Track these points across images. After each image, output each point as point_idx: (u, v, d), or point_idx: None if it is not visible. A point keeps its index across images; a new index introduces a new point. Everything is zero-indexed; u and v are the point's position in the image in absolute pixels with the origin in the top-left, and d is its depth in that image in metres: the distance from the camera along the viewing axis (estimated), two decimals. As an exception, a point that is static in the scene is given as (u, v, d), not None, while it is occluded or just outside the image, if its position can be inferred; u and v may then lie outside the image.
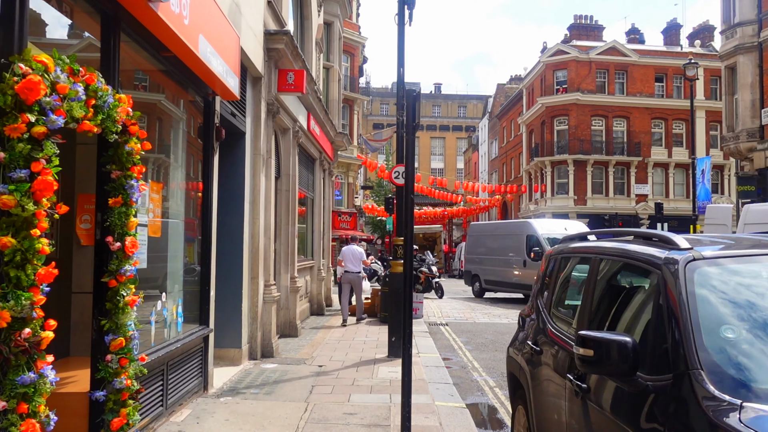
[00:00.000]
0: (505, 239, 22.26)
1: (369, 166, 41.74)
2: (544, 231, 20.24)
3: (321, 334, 11.96)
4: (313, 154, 15.01)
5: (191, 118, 6.78)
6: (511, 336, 12.47)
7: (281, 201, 11.47)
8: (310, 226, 15.54)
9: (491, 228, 25.41)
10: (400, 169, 9.74)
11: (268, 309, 9.35)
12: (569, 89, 41.55)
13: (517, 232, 21.75)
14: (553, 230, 20.30)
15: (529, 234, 20.59)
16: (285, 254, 11.47)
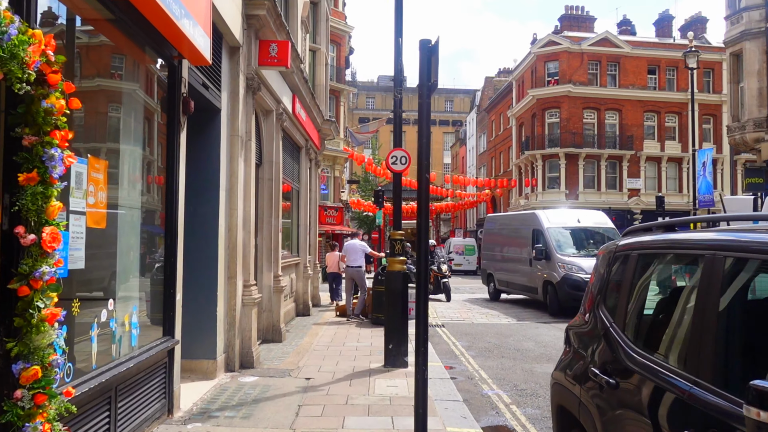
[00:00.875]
0: (514, 234, 19.48)
1: (356, 160, 40.55)
2: (551, 224, 17.30)
3: (308, 339, 10.81)
4: (298, 142, 13.83)
5: (152, 85, 5.60)
6: (514, 338, 11.39)
7: (263, 191, 10.31)
8: (296, 220, 14.37)
9: (504, 220, 22.03)
10: (398, 154, 8.61)
11: (247, 313, 8.19)
12: (561, 81, 40.60)
13: (523, 225, 18.83)
14: (562, 222, 17.51)
15: (535, 228, 17.65)
16: (267, 250, 10.30)
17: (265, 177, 10.34)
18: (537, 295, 16.77)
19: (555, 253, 16.13)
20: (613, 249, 3.47)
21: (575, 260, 15.68)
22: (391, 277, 8.43)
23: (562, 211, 20.01)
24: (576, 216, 18.08)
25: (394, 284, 8.38)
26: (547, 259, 16.24)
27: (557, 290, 15.47)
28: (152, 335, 5.44)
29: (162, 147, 5.75)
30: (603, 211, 36.52)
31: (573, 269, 15.32)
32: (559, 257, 15.99)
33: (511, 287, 19.12)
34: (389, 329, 8.35)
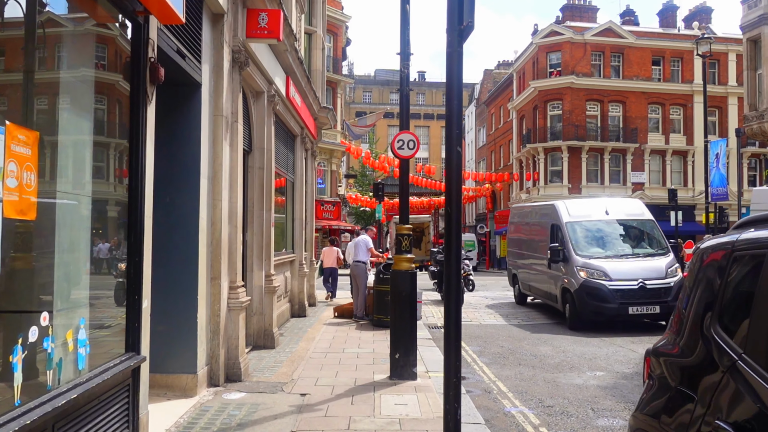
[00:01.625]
0: (534, 229, 16.61)
1: (353, 153, 39.51)
2: (572, 217, 14.08)
3: (304, 344, 9.81)
4: (293, 129, 12.80)
5: (109, 45, 4.59)
6: (529, 342, 10.37)
7: (253, 181, 9.29)
8: (290, 214, 13.36)
9: (524, 213, 18.46)
10: (405, 138, 7.59)
11: (234, 318, 7.19)
12: (563, 72, 39.60)
13: (541, 218, 15.81)
14: (585, 215, 14.22)
15: (553, 222, 14.51)
16: (258, 247, 9.29)
17: (255, 165, 9.33)
18: (556, 303, 13.90)
19: (573, 254, 13.12)
20: (730, 246, 2.47)
21: (598, 263, 12.74)
22: (398, 277, 7.43)
23: (587, 201, 16.55)
24: (603, 206, 14.59)
25: (401, 285, 7.38)
26: (565, 261, 13.27)
27: (575, 300, 12.51)
28: (110, 353, 4.44)
29: (124, 123, 4.73)
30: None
31: (595, 274, 12.47)
32: (578, 259, 12.96)
33: (534, 292, 16.17)
34: (396, 336, 7.36)
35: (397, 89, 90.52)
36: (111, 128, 4.72)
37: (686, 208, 40.09)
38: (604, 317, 12.13)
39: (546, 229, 14.83)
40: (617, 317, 12.10)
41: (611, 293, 12.06)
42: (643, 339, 10.77)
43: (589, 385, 7.66)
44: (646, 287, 12.06)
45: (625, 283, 12.12)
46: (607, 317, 12.13)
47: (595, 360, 9.25)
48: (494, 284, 25.54)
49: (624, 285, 12.11)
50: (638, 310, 12.00)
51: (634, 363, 8.99)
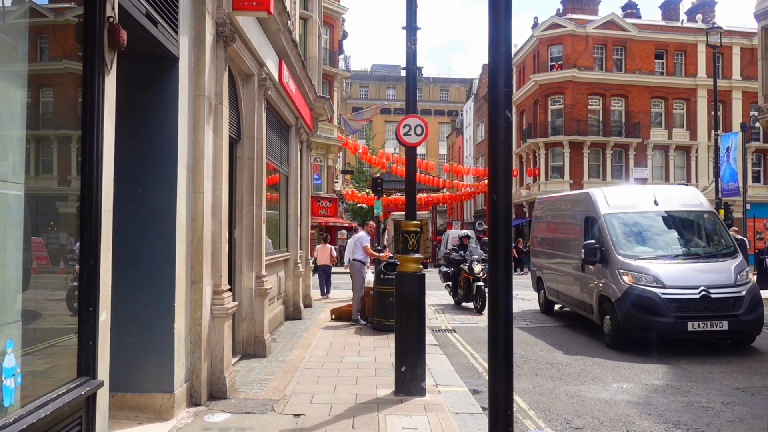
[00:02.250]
0: (562, 223, 13.82)
1: (350, 148, 38.63)
2: (612, 208, 11.19)
3: (298, 352, 8.97)
4: (287, 119, 11.94)
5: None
6: (542, 348, 9.57)
7: (242, 172, 8.44)
8: (284, 210, 12.50)
9: (551, 205, 14.87)
10: (412, 122, 6.75)
11: (218, 327, 6.34)
12: (565, 66, 38.80)
13: (573, 211, 13.06)
14: (628, 205, 11.33)
15: (588, 215, 11.66)
16: (248, 245, 8.44)
17: (244, 156, 8.47)
18: (591, 315, 11.16)
19: (615, 254, 10.33)
20: None
21: (647, 265, 9.99)
22: (404, 279, 6.58)
23: (630, 188, 14.06)
24: (651, 194, 11.54)
25: (408, 289, 6.54)
26: (604, 262, 10.52)
27: (617, 311, 9.84)
28: (56, 378, 3.59)
29: (75, 96, 3.88)
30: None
31: (643, 280, 9.77)
32: (621, 260, 10.17)
33: (562, 299, 13.26)
34: (402, 347, 6.51)
35: (393, 85, 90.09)
36: (55, 102, 3.87)
37: (689, 205, 39.35)
38: (655, 335, 9.45)
39: (578, 224, 12.23)
40: (673, 335, 9.49)
41: (665, 304, 9.37)
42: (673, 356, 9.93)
43: (618, 400, 6.84)
44: (710, 297, 9.36)
45: (683, 292, 9.45)
46: (660, 335, 9.47)
47: (619, 369, 8.43)
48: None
49: (682, 294, 9.44)
50: (700, 327, 9.29)
51: (662, 373, 8.17)
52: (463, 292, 15.08)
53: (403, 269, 6.60)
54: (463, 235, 16.80)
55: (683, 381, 7.74)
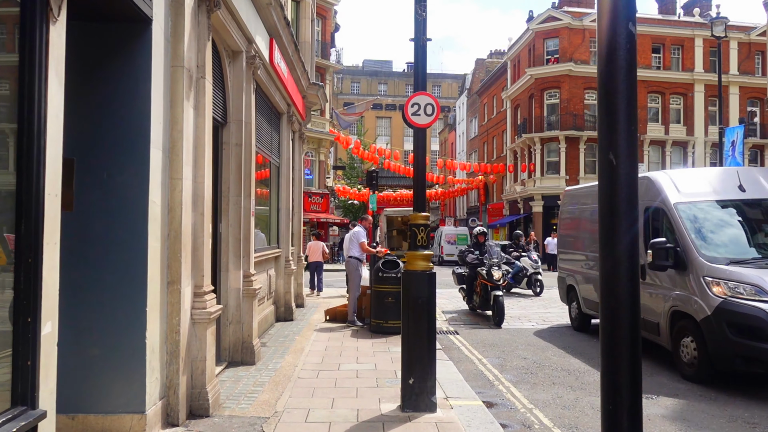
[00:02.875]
0: None
1: (342, 143, 37.80)
2: (685, 195, 8.53)
3: (290, 358, 8.16)
4: (278, 106, 11.11)
5: None
6: (554, 352, 8.80)
7: (229, 160, 7.61)
8: (275, 203, 11.67)
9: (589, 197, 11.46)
10: (422, 101, 5.94)
11: (200, 334, 5.52)
12: (561, 59, 38.10)
13: None
14: (707, 192, 8.68)
15: (651, 205, 8.87)
16: (235, 240, 7.61)
17: (231, 141, 7.64)
18: (657, 337, 8.49)
19: (697, 257, 7.71)
20: None
21: (746, 271, 7.37)
22: (412, 279, 5.78)
23: (704, 171, 11.07)
24: (733, 178, 8.76)
25: (417, 290, 5.74)
26: (680, 267, 7.89)
27: (705, 334, 7.29)
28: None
29: (12, 49, 3.06)
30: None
31: (742, 291, 7.14)
32: (708, 265, 7.55)
33: None
34: (410, 356, 5.72)
35: (385, 80, 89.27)
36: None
37: (686, 201, 38.84)
38: (761, 366, 6.89)
39: None
40: None
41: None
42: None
43: (652, 414, 6.08)
44: None
45: None
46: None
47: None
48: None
49: None
50: None
51: (692, 381, 7.43)
52: (479, 300, 12.85)
53: (412, 267, 5.80)
54: (479, 232, 13.96)
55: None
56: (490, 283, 12.27)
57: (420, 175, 5.94)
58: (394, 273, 10.35)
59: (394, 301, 10.22)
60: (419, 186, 5.90)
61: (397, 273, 10.37)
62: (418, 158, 5.99)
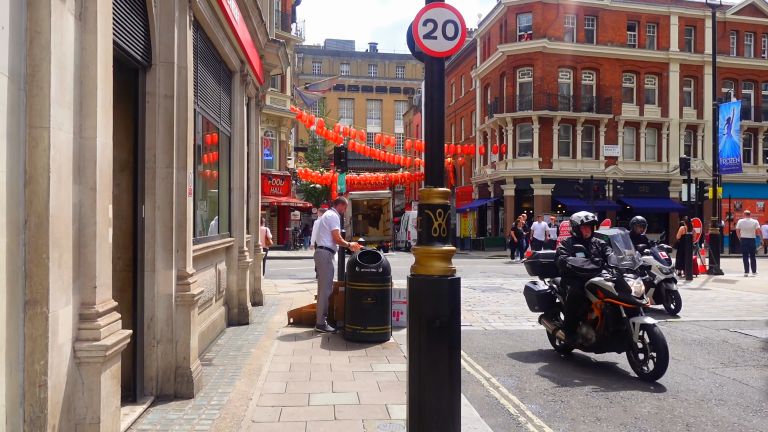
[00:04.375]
0: None
1: (305, 121, 35.50)
2: None
3: (243, 385, 6.12)
4: (229, 61, 8.95)
5: None
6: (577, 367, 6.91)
7: (156, 118, 5.48)
8: (226, 182, 9.52)
9: None
10: (440, 16, 3.90)
11: (90, 381, 3.45)
12: (534, 36, 36.43)
13: None
14: None
15: None
16: (165, 229, 5.51)
17: (159, 92, 5.50)
18: None
19: None
20: None
21: None
22: (424, 289, 3.80)
23: None
24: None
25: (433, 305, 3.76)
26: None
27: None
28: None
29: None
30: (585, 181, 32.38)
31: None
32: None
33: None
34: (421, 405, 3.75)
35: (347, 60, 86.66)
36: None
37: (660, 184, 37.85)
38: None
39: None
40: None
41: None
42: None
43: None
44: None
45: None
46: None
47: (706, 402, 5.89)
48: (474, 273, 22.22)
49: None
50: None
51: (775, 412, 5.65)
52: (597, 336, 7.31)
53: (424, 271, 3.82)
54: (584, 221, 7.82)
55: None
56: (624, 304, 6.98)
57: (437, 132, 3.95)
58: (374, 267, 8.38)
59: (374, 302, 8.28)
60: (437, 148, 3.91)
61: (378, 267, 8.41)
62: (435, 110, 3.99)
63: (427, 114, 3.91)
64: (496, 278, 18.46)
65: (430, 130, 3.95)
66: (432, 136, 3.92)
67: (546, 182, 35.86)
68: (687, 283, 16.89)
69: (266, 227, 16.75)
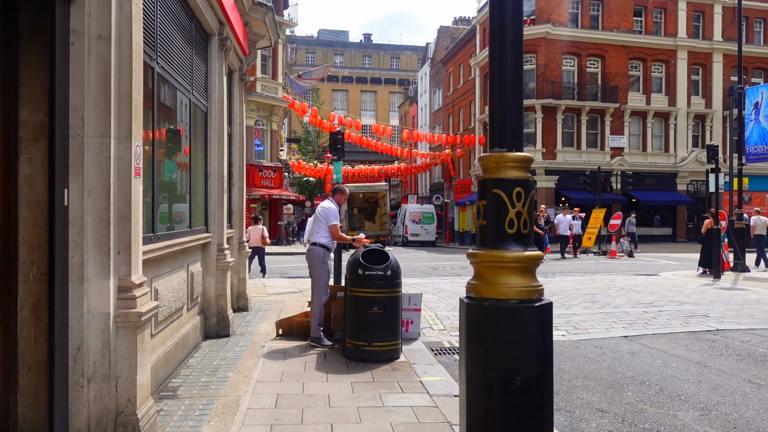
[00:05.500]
0: None
1: (297, 110, 33.85)
2: None
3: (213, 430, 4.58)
4: (204, 21, 7.37)
5: None
6: (667, 380, 5.22)
7: (85, 66, 3.91)
8: (200, 165, 7.92)
9: None
10: None
11: None
12: (537, 21, 34.90)
13: None
14: None
15: None
16: (99, 222, 3.95)
17: (89, 31, 3.93)
18: None
19: None
20: None
21: None
22: (492, 324, 2.25)
23: None
24: None
25: (509, 350, 2.21)
26: None
27: None
28: None
29: None
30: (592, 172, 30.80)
31: None
32: None
33: None
34: None
35: (341, 51, 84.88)
36: None
37: (667, 176, 36.47)
38: None
39: None
40: None
41: None
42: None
43: None
44: None
45: None
46: None
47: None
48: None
49: None
50: None
51: None
52: None
53: (492, 291, 2.27)
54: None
55: None
56: None
57: (510, 53, 2.40)
58: (381, 270, 6.84)
59: (381, 313, 6.74)
60: (508, 84, 2.35)
61: (386, 269, 6.87)
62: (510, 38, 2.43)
63: (495, 24, 2.37)
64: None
65: (499, 52, 2.40)
66: (503, 64, 2.38)
67: (549, 174, 34.40)
68: (716, 281, 15.43)
69: (263, 226, 15.98)
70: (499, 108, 2.39)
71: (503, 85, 2.35)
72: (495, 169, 2.34)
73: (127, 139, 4.13)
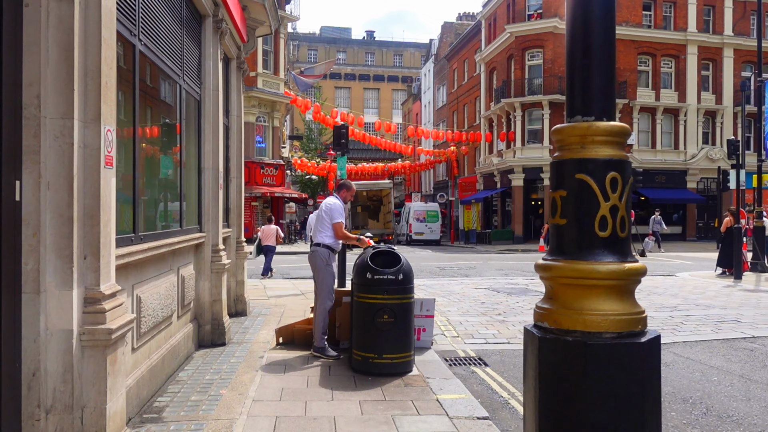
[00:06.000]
0: None
1: (300, 106, 33.17)
2: None
3: (199, 465, 3.90)
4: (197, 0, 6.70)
5: None
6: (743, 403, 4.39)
7: (41, 33, 3.24)
8: (193, 158, 7.24)
9: None
10: None
11: None
12: (545, 15, 34.17)
13: None
14: None
15: None
16: (59, 221, 3.29)
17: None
18: None
19: None
20: None
21: None
22: (576, 368, 1.57)
23: None
24: None
25: (603, 407, 1.53)
26: None
27: None
28: None
29: None
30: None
31: None
32: None
33: None
34: None
35: (344, 48, 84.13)
36: None
37: (677, 174, 35.75)
38: None
39: None
40: None
41: None
42: None
43: None
44: None
45: None
46: None
47: None
48: (487, 269, 20.08)
49: None
50: None
51: None
52: None
53: (573, 322, 1.56)
54: None
55: None
56: None
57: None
58: (391, 273, 6.16)
59: (392, 321, 6.07)
60: (604, 27, 1.67)
61: (397, 273, 6.18)
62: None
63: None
64: (516, 277, 16.28)
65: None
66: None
67: (557, 171, 33.67)
68: (738, 282, 14.73)
69: (277, 226, 16.53)
70: (581, 60, 1.70)
71: (588, 24, 1.65)
72: (578, 145, 1.66)
73: (95, 122, 3.46)
